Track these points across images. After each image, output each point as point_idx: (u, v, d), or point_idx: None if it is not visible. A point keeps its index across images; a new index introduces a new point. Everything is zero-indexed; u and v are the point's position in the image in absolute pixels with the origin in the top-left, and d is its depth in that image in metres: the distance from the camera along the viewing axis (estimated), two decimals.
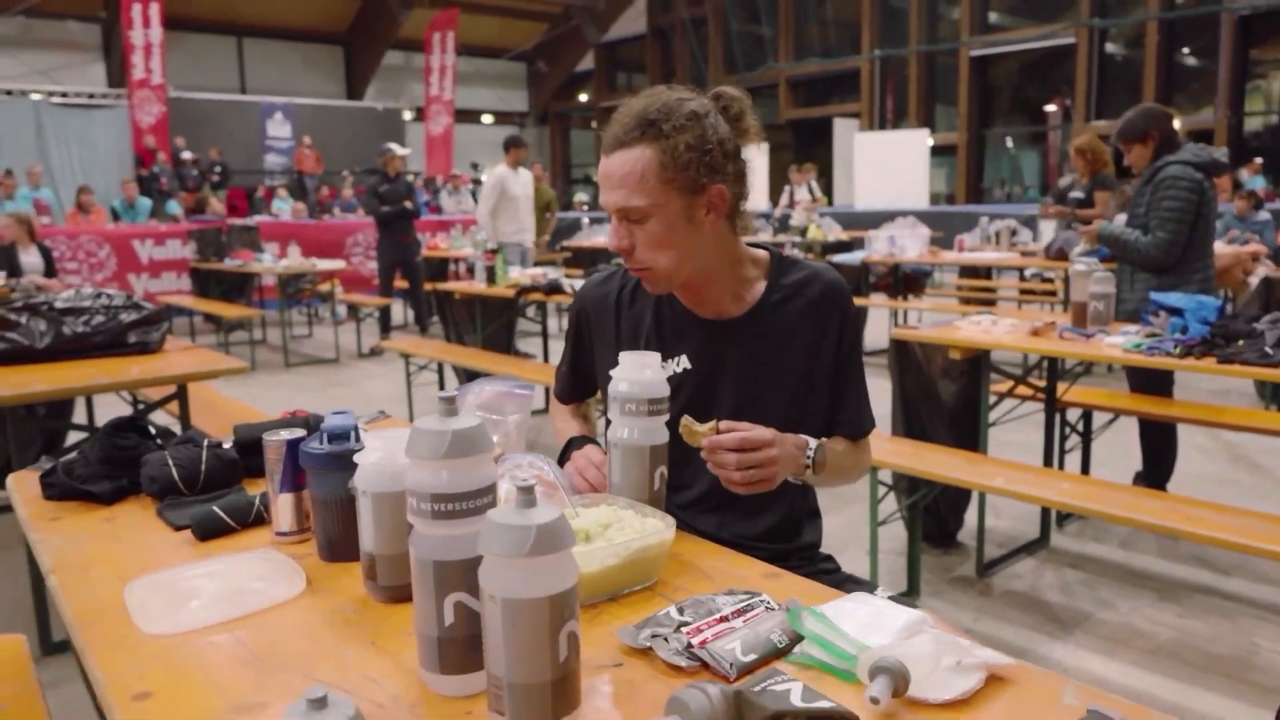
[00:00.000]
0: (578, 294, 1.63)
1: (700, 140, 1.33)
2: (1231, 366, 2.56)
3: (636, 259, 1.39)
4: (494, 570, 0.77)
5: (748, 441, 1.25)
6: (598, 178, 1.39)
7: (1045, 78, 17.89)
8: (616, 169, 1.34)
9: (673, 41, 21.21)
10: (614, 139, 1.35)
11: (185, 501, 1.43)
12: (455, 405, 0.86)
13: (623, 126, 1.34)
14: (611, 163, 1.35)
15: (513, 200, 7.07)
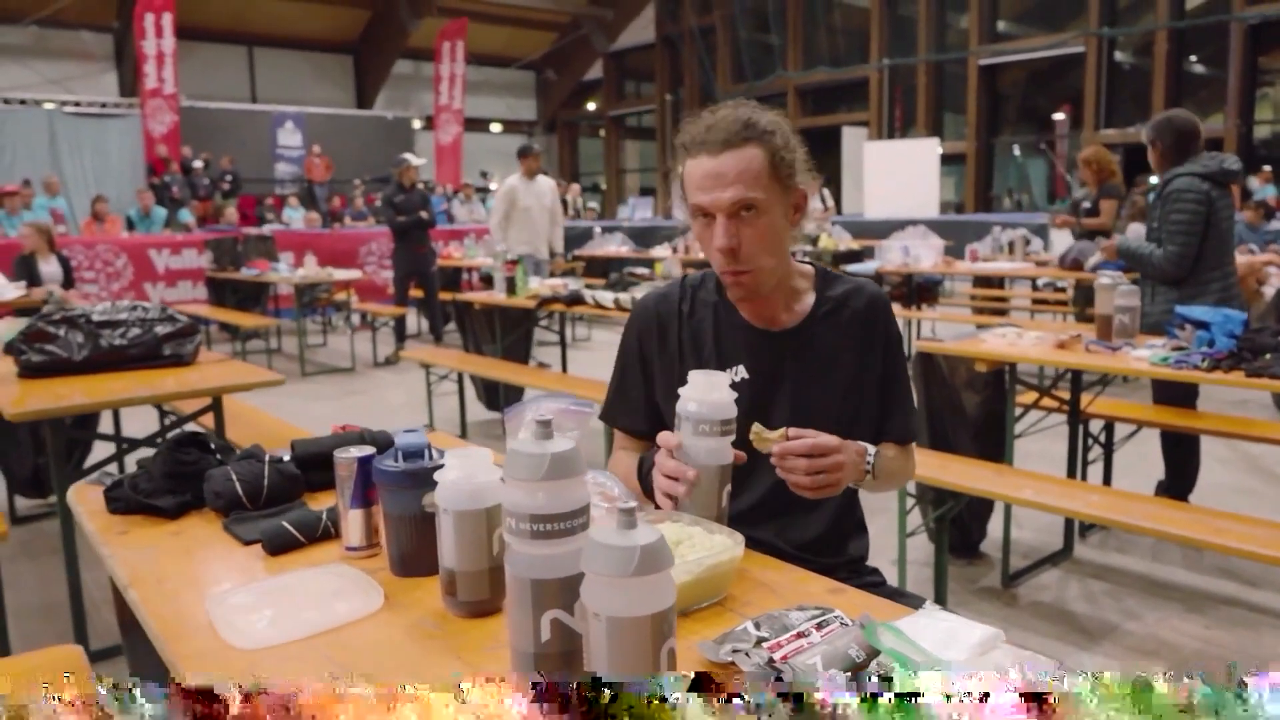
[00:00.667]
0: (636, 310, 1.64)
1: (788, 144, 1.43)
2: (1260, 380, 2.58)
3: (743, 259, 1.44)
4: (598, 589, 0.80)
5: (817, 448, 1.31)
6: (694, 180, 1.43)
7: (1053, 86, 17.93)
8: (730, 166, 1.39)
9: (681, 50, 21.28)
10: (719, 141, 1.40)
11: (250, 516, 1.46)
12: (550, 428, 0.89)
13: (726, 131, 1.40)
14: (722, 162, 1.40)
15: (524, 211, 7.04)
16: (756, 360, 1.54)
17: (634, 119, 24.58)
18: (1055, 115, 17.89)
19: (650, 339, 1.60)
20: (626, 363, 1.65)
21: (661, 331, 1.59)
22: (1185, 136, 3.51)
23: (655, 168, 23.20)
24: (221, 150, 15.27)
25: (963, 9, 17.42)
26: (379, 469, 1.23)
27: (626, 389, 1.64)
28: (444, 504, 1.09)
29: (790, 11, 19.33)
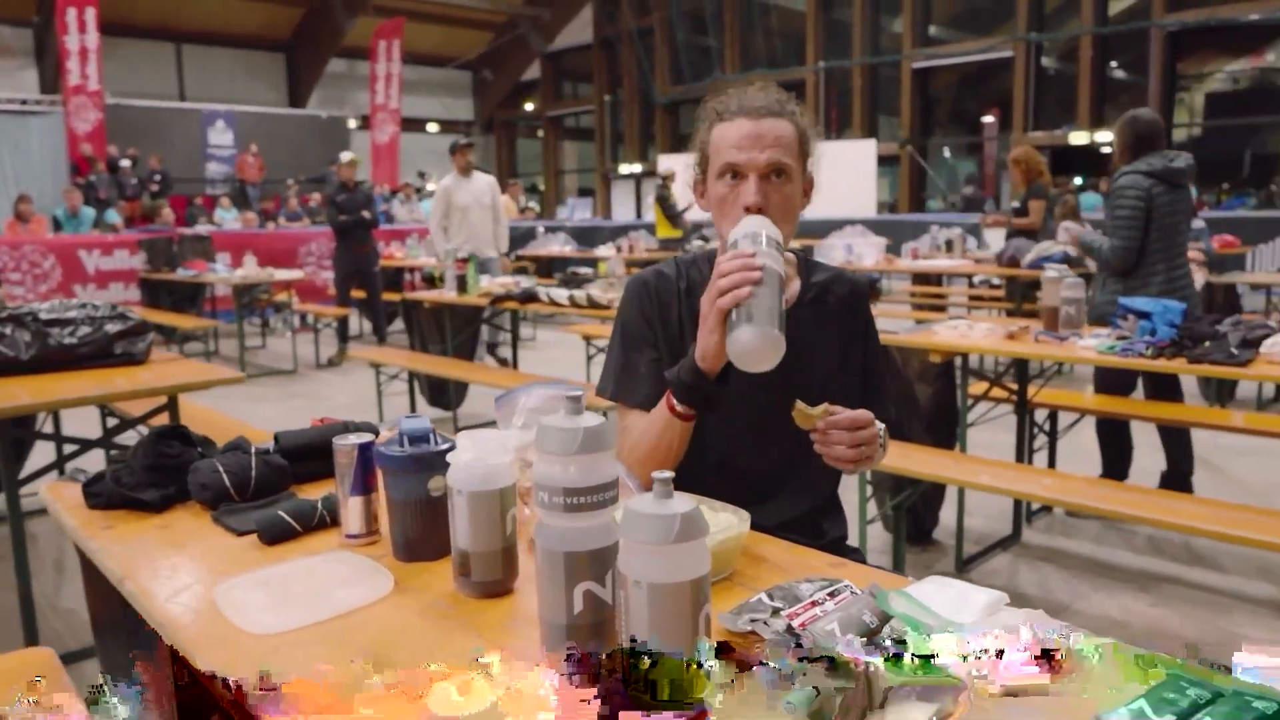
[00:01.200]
0: (635, 285, 1.63)
1: (810, 129, 1.51)
2: (1201, 366, 2.71)
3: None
4: (639, 557, 0.82)
5: (858, 420, 1.35)
6: (730, 140, 1.46)
7: (983, 90, 18.41)
8: (769, 130, 1.46)
9: (619, 52, 21.33)
10: (761, 108, 1.47)
11: (240, 508, 1.44)
12: (581, 403, 0.91)
13: (766, 101, 1.48)
14: (763, 125, 1.46)
15: (461, 210, 6.85)
16: None
17: (572, 119, 24.56)
18: (985, 118, 18.38)
19: (653, 314, 1.59)
20: (631, 337, 1.61)
21: (662, 309, 1.59)
22: (1143, 137, 3.64)
23: (594, 168, 23.20)
24: (150, 149, 14.85)
25: (896, 13, 17.78)
26: (384, 454, 1.22)
27: (634, 364, 1.60)
28: (457, 485, 1.10)
29: (727, 14, 19.51)
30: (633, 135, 22.01)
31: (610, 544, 0.91)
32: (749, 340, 1.27)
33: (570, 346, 7.78)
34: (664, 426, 1.47)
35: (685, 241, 11.51)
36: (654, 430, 1.49)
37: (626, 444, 1.54)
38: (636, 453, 1.50)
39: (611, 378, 1.64)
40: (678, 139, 21.52)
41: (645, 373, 1.58)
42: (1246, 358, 2.69)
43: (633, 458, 1.49)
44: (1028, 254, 6.48)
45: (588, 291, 4.40)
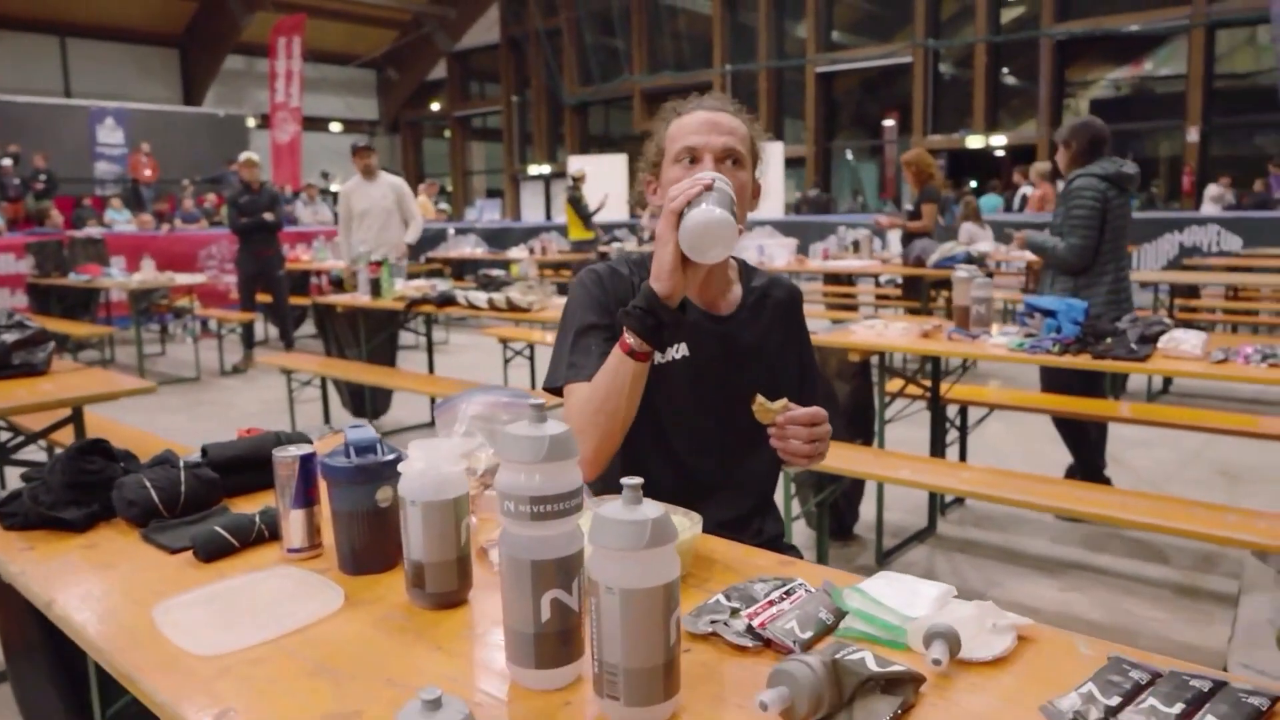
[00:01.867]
0: (587, 275, 1.61)
1: (758, 137, 1.57)
2: (1104, 362, 2.84)
3: None
4: (610, 563, 0.82)
5: (814, 417, 1.37)
6: (688, 127, 1.52)
7: (884, 94, 18.93)
8: (725, 121, 1.52)
9: (527, 51, 21.23)
10: (717, 106, 1.55)
11: (171, 524, 1.39)
12: (544, 412, 0.91)
13: (722, 103, 1.56)
14: (719, 116, 1.52)
15: (361, 215, 6.67)
16: (697, 341, 1.59)
17: (479, 120, 24.33)
18: (886, 121, 18.91)
19: (607, 301, 1.57)
20: (585, 322, 1.56)
21: (617, 298, 1.56)
22: (1096, 142, 3.74)
23: (502, 169, 23.03)
24: (33, 147, 14.13)
25: (799, 18, 18.14)
26: (330, 466, 1.20)
27: (586, 345, 1.53)
28: (410, 496, 1.08)
29: (635, 16, 19.61)
30: (541, 136, 21.93)
31: (576, 551, 0.91)
32: (701, 219, 1.29)
33: (486, 350, 7.71)
34: (615, 370, 1.41)
35: (597, 243, 11.53)
36: (605, 377, 1.42)
37: (575, 404, 1.46)
38: (587, 409, 1.43)
39: (563, 362, 1.54)
40: (587, 140, 21.55)
41: (598, 352, 1.50)
42: (1145, 353, 2.83)
43: (583, 415, 1.43)
44: (933, 254, 6.69)
45: (507, 294, 4.36)
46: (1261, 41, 14.82)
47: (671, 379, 1.57)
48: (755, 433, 1.45)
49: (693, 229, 1.29)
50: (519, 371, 6.35)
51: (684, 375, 1.57)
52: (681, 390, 1.57)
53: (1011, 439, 4.89)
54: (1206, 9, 13.92)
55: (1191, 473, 4.49)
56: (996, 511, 3.97)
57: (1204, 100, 14.33)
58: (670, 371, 1.57)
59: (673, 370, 1.57)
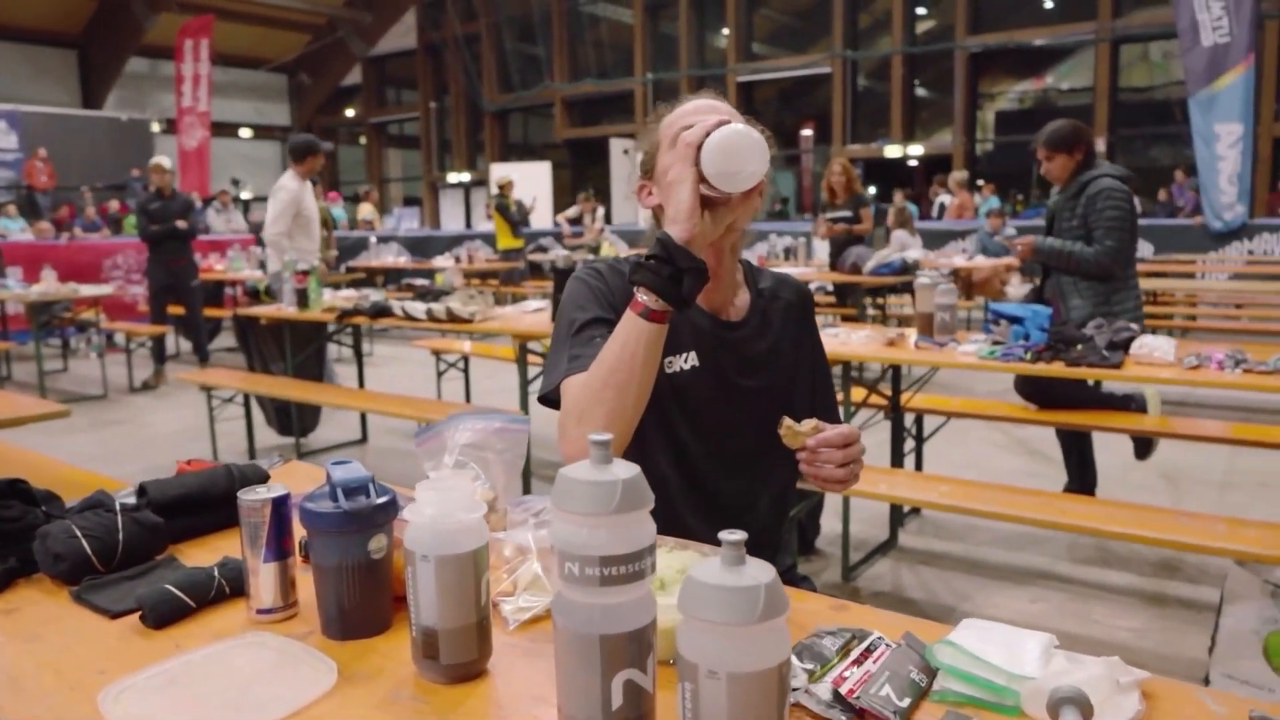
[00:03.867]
0: (585, 274, 1.45)
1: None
2: (1079, 369, 2.78)
3: None
4: (714, 640, 0.66)
5: (847, 437, 1.25)
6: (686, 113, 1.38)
7: (803, 104, 19.15)
8: (724, 106, 1.39)
9: (445, 57, 20.84)
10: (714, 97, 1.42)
11: (107, 581, 1.17)
12: (609, 450, 0.74)
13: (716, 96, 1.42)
14: (719, 103, 1.40)
15: (307, 219, 6.35)
16: (707, 349, 1.45)
17: (396, 126, 23.80)
18: (804, 131, 19.11)
19: (606, 299, 1.41)
20: (587, 316, 1.39)
21: (616, 297, 1.41)
22: (1092, 148, 3.65)
23: (421, 177, 22.56)
24: None
25: (720, 28, 18.22)
26: (311, 512, 1.00)
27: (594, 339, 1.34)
28: (421, 549, 0.90)
29: (555, 23, 19.42)
30: (460, 143, 21.55)
31: (650, 620, 0.74)
32: (727, 132, 1.19)
33: (415, 362, 7.43)
34: (626, 336, 1.21)
35: (525, 252, 11.31)
36: (614, 344, 1.23)
37: (576, 386, 1.27)
38: (592, 383, 1.24)
39: (563, 358, 1.35)
40: (508, 147, 21.26)
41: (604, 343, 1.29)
42: (1117, 360, 2.79)
43: (587, 391, 1.24)
44: (869, 261, 6.68)
45: (448, 305, 4.14)
46: (1154, 58, 15.46)
47: (683, 390, 1.43)
48: (772, 446, 1.32)
49: (720, 144, 1.18)
50: (453, 385, 6.10)
51: (697, 385, 1.44)
52: (694, 401, 1.44)
53: (957, 447, 4.86)
54: (1111, 24, 14.40)
55: (1134, 476, 4.52)
56: (955, 521, 3.91)
57: (1110, 112, 14.81)
58: (681, 382, 1.43)
59: (683, 380, 1.43)
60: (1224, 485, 4.42)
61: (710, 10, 18.29)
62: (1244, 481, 4.47)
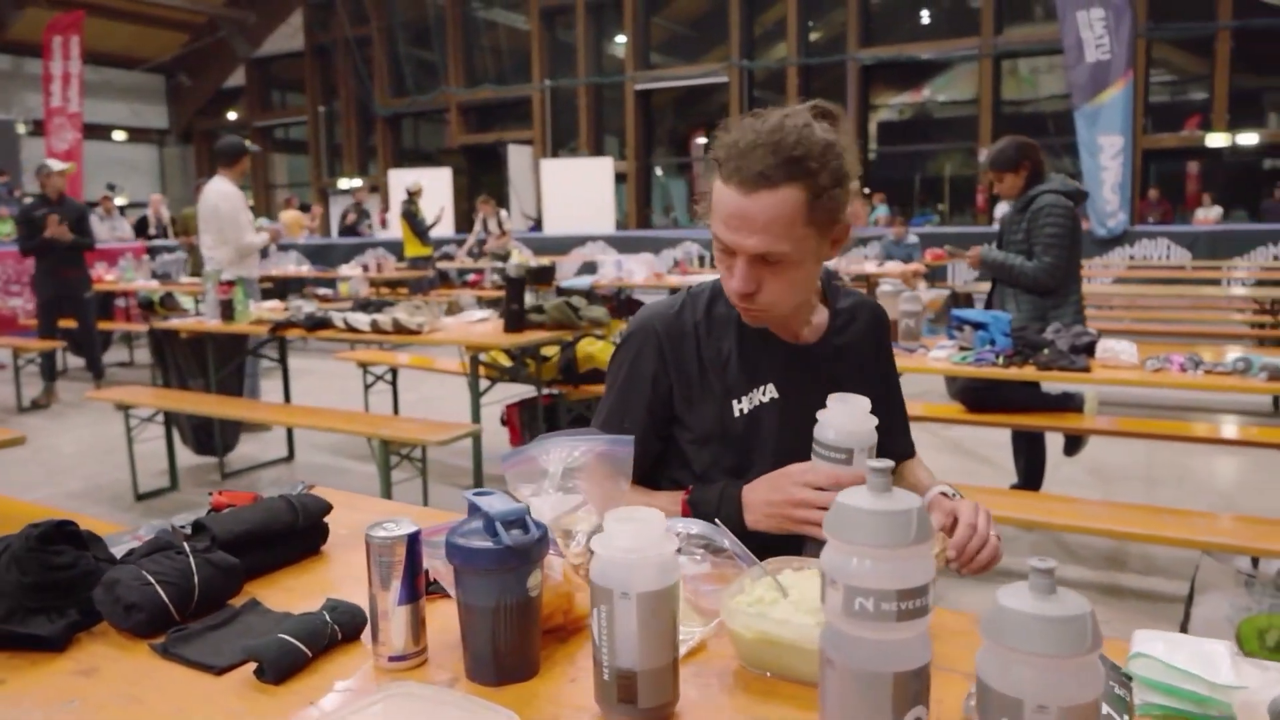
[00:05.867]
0: (642, 325, 1.42)
1: (838, 175, 1.25)
2: (1050, 373, 2.87)
3: (759, 302, 1.30)
4: (1043, 674, 0.63)
5: (973, 519, 1.24)
6: (720, 211, 1.25)
7: (700, 113, 19.38)
8: (760, 212, 1.22)
9: (335, 60, 20.23)
10: (756, 175, 1.21)
11: (192, 632, 1.06)
12: (889, 477, 0.70)
13: (764, 162, 1.21)
14: (755, 204, 1.22)
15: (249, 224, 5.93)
16: (786, 379, 1.42)
17: (282, 131, 22.98)
18: (697, 139, 19.35)
19: (670, 358, 1.39)
20: (628, 392, 1.42)
21: (680, 349, 1.40)
22: (1040, 163, 3.73)
23: (309, 183, 21.84)
24: None
25: (617, 36, 18.27)
26: (465, 549, 0.92)
27: (625, 421, 1.41)
28: (619, 585, 0.84)
29: (450, 28, 19.11)
30: (352, 149, 20.96)
31: (930, 654, 0.71)
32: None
33: (336, 375, 7.16)
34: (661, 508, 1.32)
35: (434, 260, 11.06)
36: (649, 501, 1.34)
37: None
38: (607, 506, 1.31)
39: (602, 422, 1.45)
40: (401, 153, 20.80)
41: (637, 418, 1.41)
42: (1084, 364, 2.89)
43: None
44: None
45: (393, 316, 3.99)
46: (1023, 73, 16.30)
47: (762, 425, 1.40)
48: None
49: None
50: (381, 398, 5.90)
51: (775, 419, 1.40)
52: (774, 436, 1.40)
53: None
54: (994, 41, 15.08)
55: (1064, 473, 4.71)
56: None
57: (993, 124, 15.50)
58: (760, 416, 1.40)
59: (762, 415, 1.40)
60: (1148, 479, 4.65)
61: (608, 18, 18.33)
62: (1165, 476, 4.71)
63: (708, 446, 1.41)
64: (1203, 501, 4.24)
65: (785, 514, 1.25)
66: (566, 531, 1.19)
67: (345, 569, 1.29)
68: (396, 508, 1.61)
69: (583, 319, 4.15)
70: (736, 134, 1.26)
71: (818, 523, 1.20)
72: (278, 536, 1.26)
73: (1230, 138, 13.51)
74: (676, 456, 1.45)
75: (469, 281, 10.83)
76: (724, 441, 1.40)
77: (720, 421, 1.40)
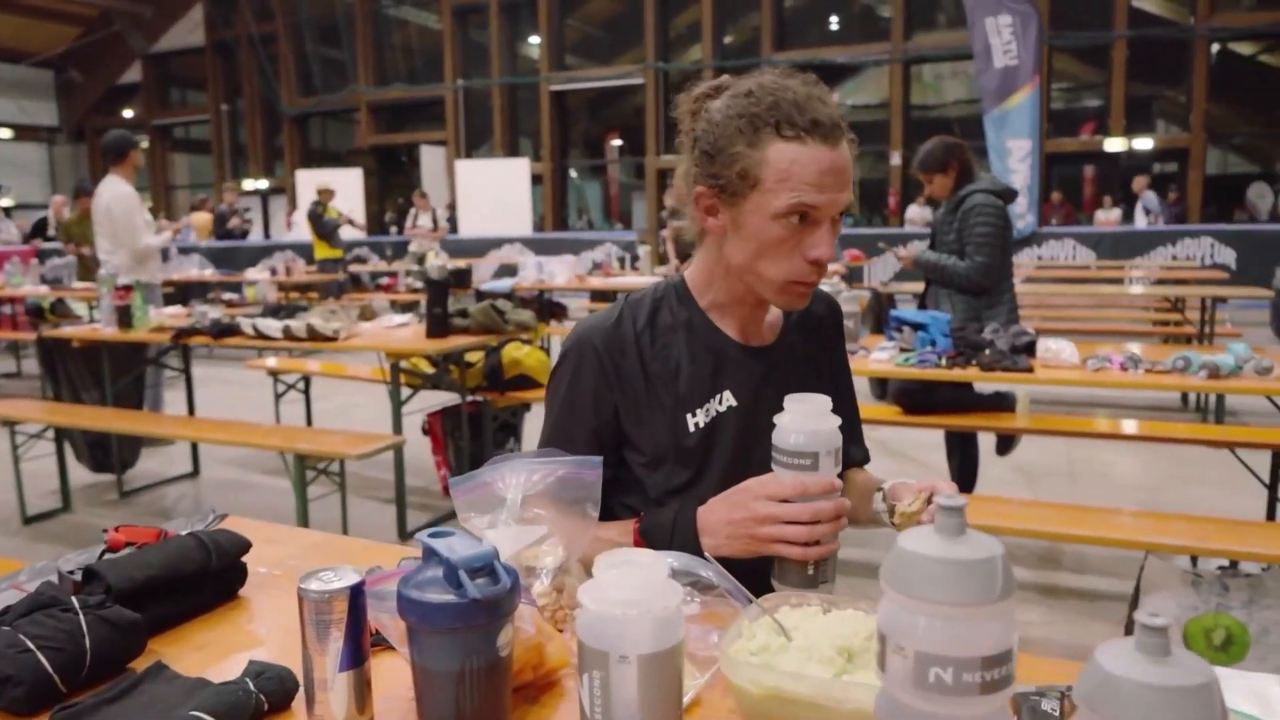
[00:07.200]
0: (578, 342, 1.28)
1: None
2: (994, 373, 2.83)
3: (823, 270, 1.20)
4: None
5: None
6: (805, 173, 1.12)
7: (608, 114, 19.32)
8: (848, 163, 1.16)
9: (238, 57, 19.51)
10: (833, 125, 1.14)
11: (84, 708, 0.88)
12: (963, 516, 0.57)
13: (833, 114, 1.14)
14: (842, 156, 1.15)
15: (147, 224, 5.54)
16: (743, 385, 1.30)
17: (182, 130, 22.08)
18: (613, 141, 19.28)
19: (611, 372, 1.26)
20: (568, 416, 1.29)
21: (623, 362, 1.26)
22: (968, 163, 3.71)
23: (212, 184, 21.02)
24: None
25: (531, 36, 18.06)
26: (421, 604, 0.77)
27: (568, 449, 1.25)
28: (616, 648, 0.70)
29: (359, 26, 18.62)
30: (257, 149, 20.25)
31: None
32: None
33: (252, 384, 6.79)
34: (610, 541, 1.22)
35: (345, 262, 10.69)
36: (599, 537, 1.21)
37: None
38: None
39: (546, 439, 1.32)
40: (309, 153, 20.19)
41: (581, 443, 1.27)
42: (1026, 364, 2.86)
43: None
44: None
45: (308, 322, 3.76)
46: (927, 79, 16.70)
47: (721, 437, 1.28)
48: None
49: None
50: (293, 408, 5.61)
51: (734, 428, 1.28)
52: (731, 447, 1.28)
53: None
54: (904, 46, 15.37)
55: (992, 472, 4.74)
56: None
57: (904, 128, 15.80)
58: (718, 428, 1.28)
59: (720, 426, 1.28)
60: (1072, 477, 4.71)
61: (522, 18, 18.10)
62: (1087, 472, 4.78)
63: (661, 467, 1.28)
64: (1128, 497, 4.31)
65: (750, 533, 1.12)
66: (529, 568, 1.04)
67: (269, 616, 1.12)
68: (321, 538, 1.44)
69: (509, 323, 3.99)
70: (777, 96, 1.14)
71: (789, 540, 1.09)
72: (187, 582, 1.08)
73: (1127, 142, 14.03)
74: (630, 481, 1.31)
75: (382, 285, 10.50)
76: (679, 460, 1.27)
77: (673, 438, 1.27)
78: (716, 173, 1.18)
